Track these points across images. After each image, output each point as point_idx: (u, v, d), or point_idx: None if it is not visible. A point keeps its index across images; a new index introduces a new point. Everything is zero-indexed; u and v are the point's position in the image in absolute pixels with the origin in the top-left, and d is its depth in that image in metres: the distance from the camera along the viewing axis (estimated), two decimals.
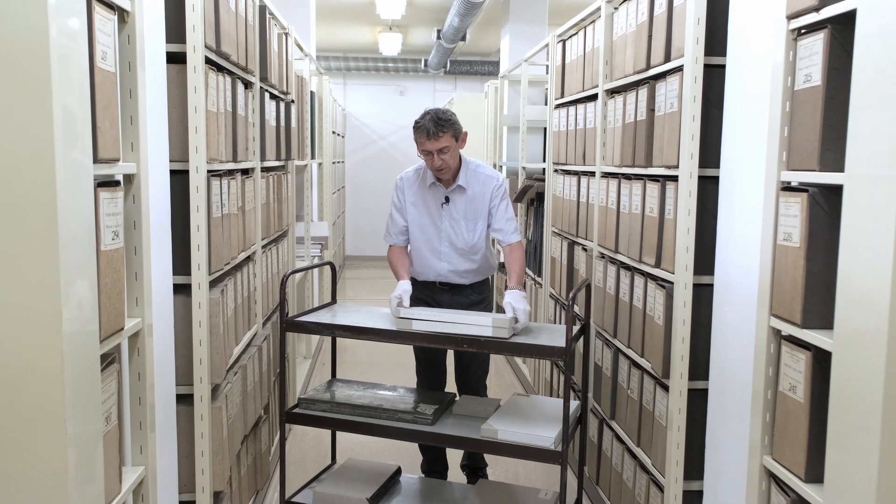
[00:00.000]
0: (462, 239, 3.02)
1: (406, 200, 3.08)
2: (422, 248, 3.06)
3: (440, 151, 2.85)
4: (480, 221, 3.02)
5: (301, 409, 2.77)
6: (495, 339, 2.43)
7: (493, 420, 2.59)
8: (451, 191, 3.02)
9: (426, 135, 2.82)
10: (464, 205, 3.01)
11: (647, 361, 2.45)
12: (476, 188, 3.00)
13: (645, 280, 2.49)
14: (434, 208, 3.04)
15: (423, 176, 3.05)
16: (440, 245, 3.04)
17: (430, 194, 3.04)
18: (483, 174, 3.02)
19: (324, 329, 2.65)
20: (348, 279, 9.27)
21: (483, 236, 3.05)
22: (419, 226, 3.05)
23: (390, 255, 3.12)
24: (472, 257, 3.05)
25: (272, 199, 3.26)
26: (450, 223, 3.03)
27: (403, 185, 3.10)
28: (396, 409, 2.69)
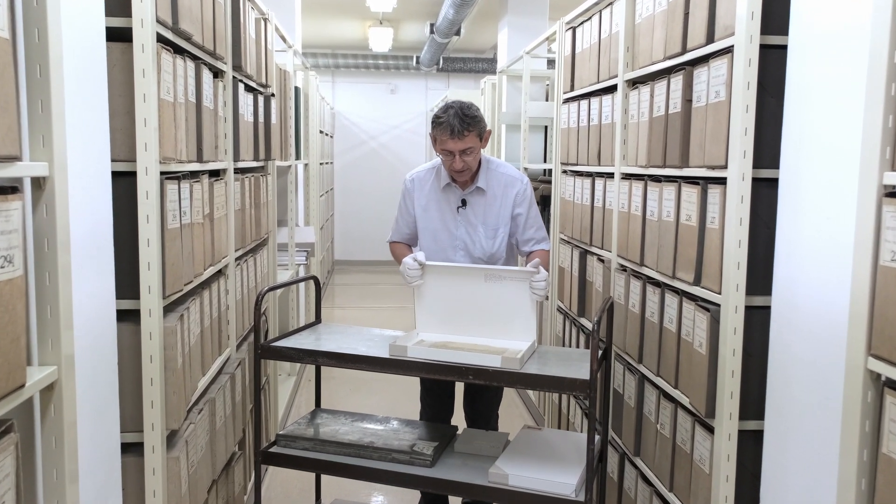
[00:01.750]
0: (480, 247, 2.67)
1: (416, 204, 2.73)
2: (432, 257, 2.69)
3: (463, 153, 2.50)
4: (501, 228, 2.68)
5: (279, 448, 2.40)
6: (505, 370, 2.07)
7: (503, 461, 2.23)
8: (469, 193, 2.67)
9: (450, 132, 2.46)
10: (483, 209, 2.66)
11: (684, 395, 2.09)
12: (497, 190, 2.66)
13: (680, 299, 2.14)
14: (448, 212, 2.69)
15: (438, 175, 2.70)
16: (454, 254, 2.69)
17: (444, 197, 2.69)
18: (505, 175, 2.68)
19: (305, 356, 2.28)
20: (337, 285, 8.90)
21: (504, 245, 2.70)
22: (431, 231, 2.71)
23: (392, 248, 2.82)
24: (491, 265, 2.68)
25: (249, 204, 2.89)
26: (466, 229, 2.68)
27: (413, 188, 2.75)
28: (390, 447, 2.33)
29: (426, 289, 2.50)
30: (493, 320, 2.38)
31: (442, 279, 2.48)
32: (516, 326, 2.34)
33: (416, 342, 2.38)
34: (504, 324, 2.36)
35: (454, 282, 2.46)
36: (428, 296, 2.49)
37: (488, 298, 2.39)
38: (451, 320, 2.44)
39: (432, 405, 2.86)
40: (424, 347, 2.23)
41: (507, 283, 2.38)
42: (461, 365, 2.11)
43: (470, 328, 2.40)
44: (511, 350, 2.25)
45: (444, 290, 2.47)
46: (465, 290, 2.43)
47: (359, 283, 9.05)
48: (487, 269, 2.44)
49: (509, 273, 2.40)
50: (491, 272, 2.41)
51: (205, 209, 2.20)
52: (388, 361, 2.18)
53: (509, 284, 2.38)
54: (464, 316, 2.42)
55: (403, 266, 2.50)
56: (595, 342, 1.96)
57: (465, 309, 2.42)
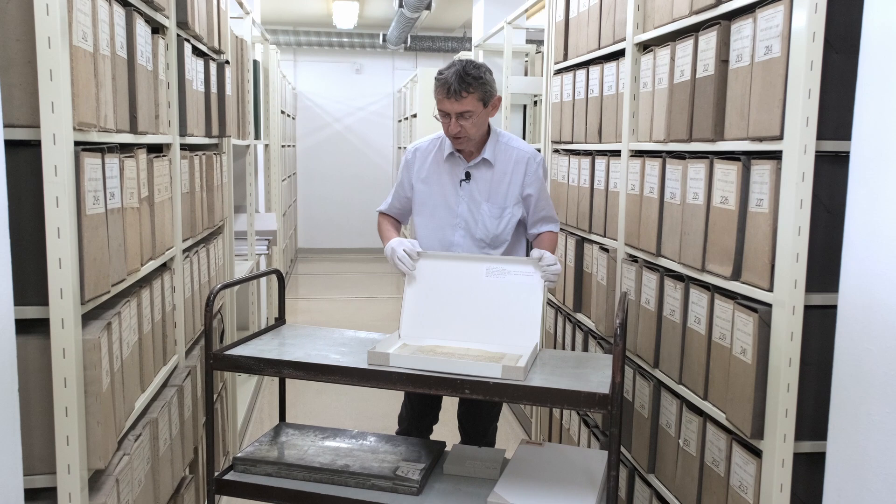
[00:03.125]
0: (482, 227, 2.34)
1: (416, 177, 2.41)
2: (429, 236, 2.37)
3: (460, 116, 2.19)
4: (509, 209, 2.35)
5: (236, 474, 2.03)
6: (507, 383, 1.73)
7: (503, 487, 1.89)
8: (474, 165, 2.34)
9: (446, 91, 2.16)
10: (489, 185, 2.34)
11: (718, 409, 1.78)
12: (506, 166, 2.34)
13: (710, 297, 1.82)
14: (450, 186, 2.36)
15: (441, 145, 2.38)
16: (453, 234, 2.36)
17: (446, 168, 2.36)
18: (517, 150, 2.36)
19: (267, 367, 1.91)
20: (301, 275, 8.47)
21: (510, 229, 2.37)
22: (429, 207, 2.38)
23: (380, 220, 2.51)
24: (493, 253, 2.36)
25: (200, 187, 2.49)
26: (468, 206, 2.34)
27: (415, 159, 2.42)
28: (369, 472, 1.97)
29: (416, 282, 2.15)
30: (490, 321, 2.04)
31: (436, 271, 2.14)
32: (517, 328, 2.00)
33: (399, 347, 2.02)
34: (503, 325, 2.02)
35: (450, 275, 2.12)
36: (418, 291, 2.14)
37: (488, 295, 2.05)
38: (442, 320, 2.09)
39: (414, 414, 2.53)
40: (409, 355, 1.88)
41: (511, 278, 2.04)
42: (454, 376, 1.76)
43: (463, 330, 2.06)
44: (511, 356, 1.91)
45: (438, 284, 2.13)
46: (461, 285, 2.09)
47: (324, 272, 8.64)
48: (490, 261, 2.11)
49: (514, 267, 2.06)
50: (494, 267, 2.07)
51: (142, 191, 1.80)
52: (366, 373, 1.82)
53: (513, 279, 2.04)
54: (457, 315, 2.08)
55: (393, 252, 2.19)
56: (621, 350, 1.63)
57: (460, 307, 2.08)
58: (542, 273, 2.07)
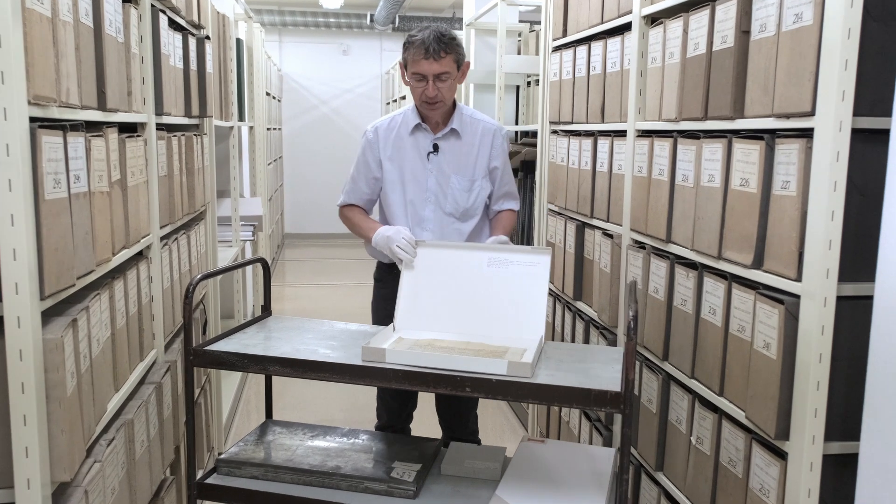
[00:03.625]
0: (452, 201, 2.29)
1: (382, 155, 2.32)
2: (398, 214, 2.31)
3: (438, 78, 2.16)
4: (478, 181, 2.32)
5: (219, 477, 1.90)
6: (513, 380, 1.61)
7: (505, 489, 1.78)
8: (442, 136, 2.29)
9: (425, 52, 2.12)
10: (457, 157, 2.29)
11: (737, 407, 1.66)
12: (473, 137, 2.31)
13: (728, 286, 1.70)
14: (418, 160, 2.30)
15: (404, 121, 2.32)
16: (423, 208, 2.30)
17: (411, 143, 2.30)
18: (482, 122, 2.34)
19: (251, 364, 1.77)
20: (288, 261, 8.31)
21: (480, 203, 2.34)
22: (397, 184, 2.31)
23: (347, 213, 2.39)
24: (463, 227, 2.32)
25: (179, 170, 2.34)
26: (437, 180, 2.29)
27: (377, 138, 2.34)
28: (362, 474, 1.85)
29: (412, 273, 2.03)
30: (492, 313, 1.91)
31: (434, 261, 2.02)
32: (520, 321, 1.88)
33: (394, 341, 1.89)
34: (505, 318, 1.90)
35: (449, 265, 2.00)
36: (414, 281, 2.02)
37: (489, 286, 1.93)
38: (440, 312, 1.96)
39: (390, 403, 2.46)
40: (406, 351, 1.75)
41: (514, 268, 1.92)
42: (455, 373, 1.63)
43: (463, 323, 1.93)
44: (514, 350, 1.79)
45: (436, 274, 2.01)
46: (461, 275, 1.97)
47: (311, 257, 8.49)
48: (492, 251, 1.99)
49: (517, 257, 1.94)
50: (496, 257, 1.95)
51: (112, 174, 1.65)
52: (359, 370, 1.69)
53: (516, 270, 1.91)
54: (456, 307, 1.95)
55: (389, 241, 2.08)
56: (634, 345, 1.51)
57: (460, 299, 1.95)
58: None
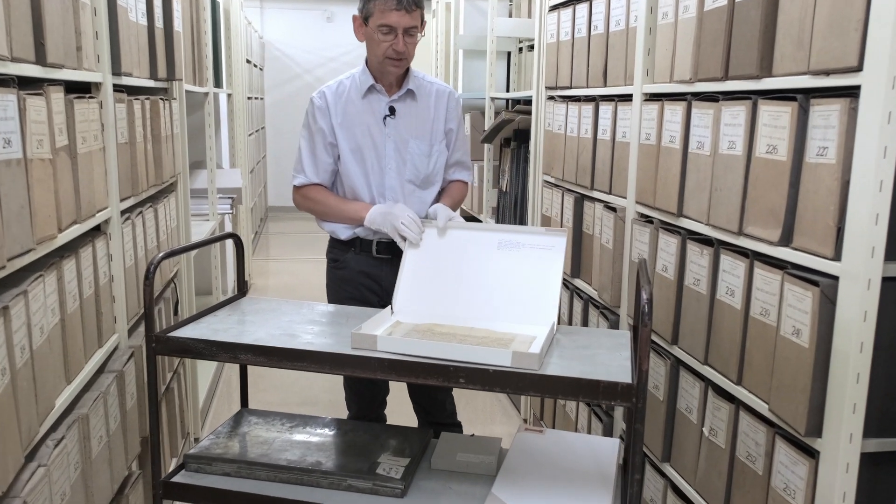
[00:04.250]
0: (412, 167, 2.14)
1: (334, 122, 2.13)
2: (359, 186, 2.14)
3: (407, 32, 2.01)
4: (437, 145, 2.17)
5: (188, 475, 1.73)
6: (517, 372, 1.44)
7: (502, 486, 1.62)
8: (398, 98, 2.12)
9: (396, 2, 1.95)
10: (414, 120, 2.13)
11: (759, 398, 1.51)
12: (428, 100, 2.16)
13: (749, 265, 1.53)
14: (374, 125, 2.12)
15: (354, 84, 2.14)
16: (383, 177, 2.14)
17: (365, 107, 2.12)
18: (435, 84, 2.20)
19: (220, 351, 1.59)
20: (272, 234, 8.10)
21: (440, 169, 2.20)
22: (352, 152, 2.13)
23: (311, 194, 2.19)
24: (425, 195, 2.17)
25: (143, 137, 2.13)
26: (395, 145, 2.13)
27: (326, 104, 2.14)
28: (345, 471, 1.68)
29: (416, 252, 1.87)
30: (500, 298, 1.75)
31: (440, 241, 1.87)
32: (531, 307, 1.71)
33: (391, 325, 1.72)
34: (515, 303, 1.73)
35: (456, 245, 1.84)
36: (417, 262, 1.85)
37: (499, 269, 1.77)
38: (444, 296, 1.80)
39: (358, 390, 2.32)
40: (400, 338, 1.57)
41: (527, 251, 1.75)
42: (449, 364, 1.46)
43: (468, 308, 1.76)
44: (522, 338, 1.62)
45: (441, 255, 1.85)
46: (468, 256, 1.82)
47: (295, 231, 8.27)
48: (504, 231, 1.83)
49: (530, 239, 1.77)
50: (507, 238, 1.78)
51: (57, 139, 1.45)
52: (341, 360, 1.51)
53: (529, 253, 1.75)
54: (462, 291, 1.79)
55: (395, 218, 1.94)
56: (648, 332, 1.34)
57: (466, 282, 1.79)
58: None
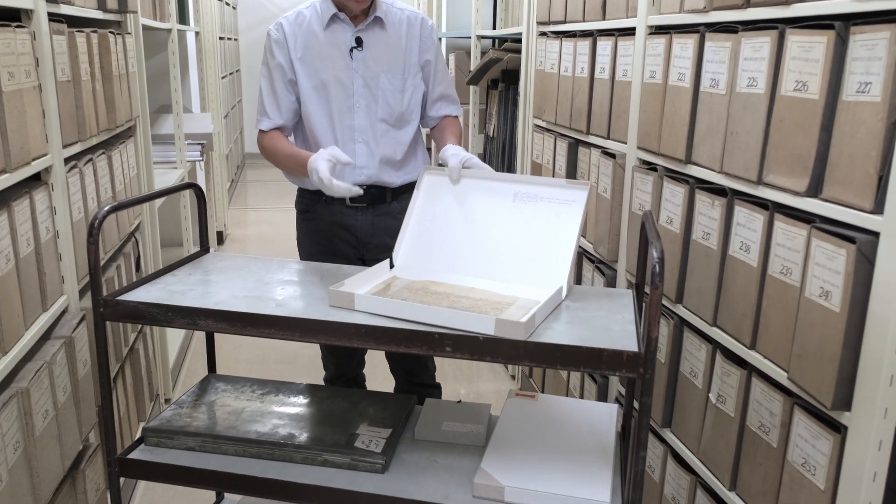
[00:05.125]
0: (385, 104, 1.92)
1: (293, 56, 1.91)
2: (322, 128, 1.92)
3: None
4: (410, 79, 1.95)
5: (147, 450, 1.57)
6: (503, 339, 1.28)
7: (491, 461, 1.49)
8: (365, 28, 1.89)
9: None
10: (384, 52, 1.91)
11: (779, 367, 1.36)
12: (399, 28, 1.93)
13: (769, 217, 1.37)
14: (339, 58, 1.89)
15: (315, 14, 1.91)
16: (352, 117, 1.91)
17: (328, 39, 1.89)
18: (405, 10, 1.96)
19: (176, 316, 1.41)
20: (250, 182, 7.85)
21: (416, 105, 1.98)
22: (316, 91, 1.90)
23: (268, 143, 1.94)
24: (401, 135, 1.96)
25: (90, 75, 1.91)
26: (364, 80, 1.90)
27: (284, 35, 1.91)
28: (321, 444, 1.54)
29: (423, 202, 1.69)
30: (510, 255, 1.57)
31: (451, 191, 1.68)
32: (542, 266, 1.54)
33: (385, 281, 1.56)
34: (525, 262, 1.56)
35: (468, 196, 1.66)
36: (424, 212, 1.68)
37: (512, 224, 1.59)
38: (450, 251, 1.63)
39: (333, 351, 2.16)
40: (379, 298, 1.41)
41: (544, 205, 1.58)
42: (434, 330, 1.30)
43: (474, 264, 1.59)
44: (523, 301, 1.45)
45: (451, 206, 1.67)
46: (481, 209, 1.64)
47: (274, 178, 8.01)
48: (521, 182, 1.64)
49: (550, 191, 1.59)
50: (524, 190, 1.60)
51: None
52: (312, 326, 1.35)
53: (546, 207, 1.58)
54: (469, 246, 1.61)
55: (312, 173, 1.69)
56: (660, 295, 1.18)
57: (475, 236, 1.62)
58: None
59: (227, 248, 5.23)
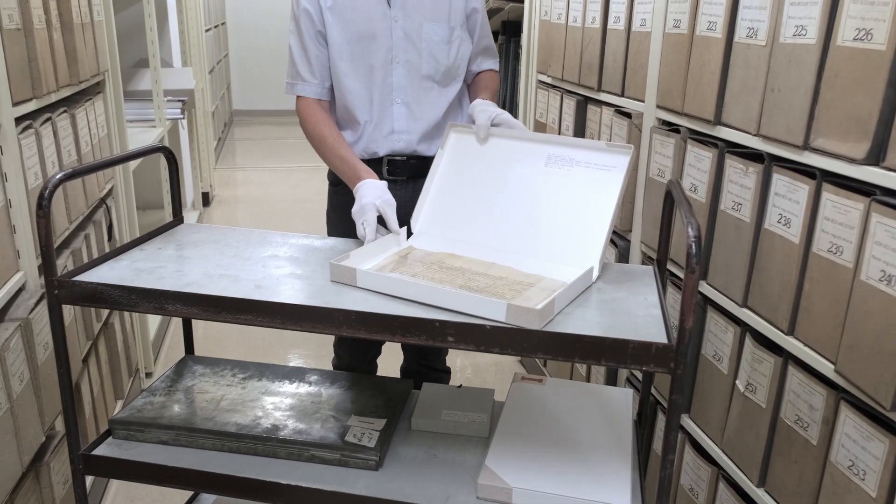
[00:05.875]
0: (430, 58, 1.66)
1: (322, 5, 1.64)
2: (355, 90, 1.66)
3: None
4: (457, 29, 1.68)
5: (116, 443, 1.42)
6: (513, 328, 1.12)
7: (497, 456, 1.34)
8: None
9: None
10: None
11: (823, 357, 1.21)
12: None
13: (816, 188, 1.20)
14: (375, 7, 1.63)
15: None
16: (391, 73, 1.66)
17: None
18: None
19: (141, 300, 1.24)
20: (238, 141, 7.60)
21: (463, 60, 1.72)
22: (348, 44, 1.64)
23: (312, 122, 1.66)
24: (446, 93, 1.70)
25: (45, 23, 1.70)
26: (405, 32, 1.64)
27: None
28: (308, 438, 1.39)
29: (448, 164, 1.52)
30: (539, 228, 1.40)
31: (478, 153, 1.50)
32: (573, 242, 1.36)
33: (395, 255, 1.39)
34: (554, 236, 1.38)
35: (497, 158, 1.48)
36: (448, 175, 1.51)
37: (543, 191, 1.42)
38: (473, 220, 1.46)
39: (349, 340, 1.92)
40: (384, 275, 1.24)
41: (581, 170, 1.40)
42: (432, 317, 1.14)
43: (498, 237, 1.42)
44: (547, 283, 1.29)
45: (478, 170, 1.49)
46: (509, 174, 1.47)
47: (263, 137, 7.77)
48: (556, 144, 1.44)
49: (588, 155, 1.40)
50: (559, 153, 1.42)
51: None
52: (294, 312, 1.18)
53: (583, 173, 1.40)
54: (494, 215, 1.44)
55: (365, 216, 1.45)
56: (696, 280, 1.02)
57: (501, 205, 1.45)
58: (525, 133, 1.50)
59: (214, 209, 5.03)
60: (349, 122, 1.69)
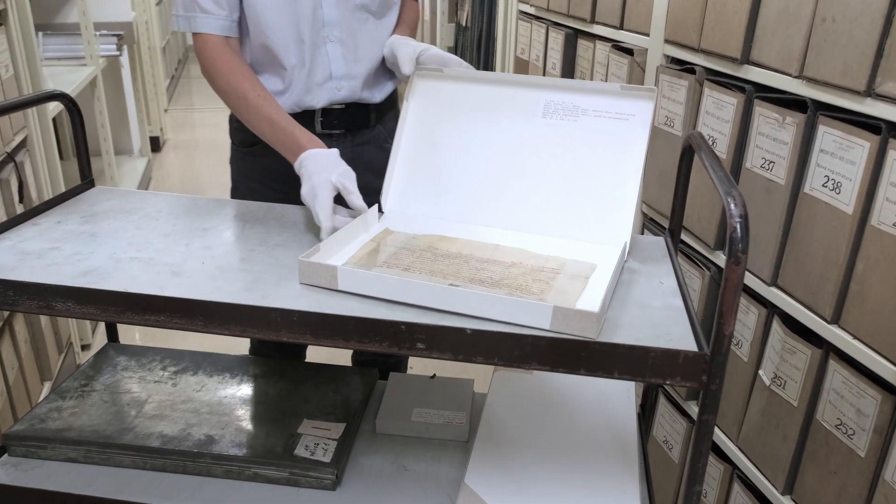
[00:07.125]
0: None
1: None
2: (276, 28, 1.29)
3: None
4: None
5: (8, 466, 1.16)
6: (563, 338, 0.86)
7: (477, 470, 1.12)
8: None
9: None
10: None
11: (878, 354, 0.99)
12: None
13: (880, 145, 0.96)
14: None
15: None
16: (320, 3, 1.30)
17: None
18: None
19: (22, 297, 0.96)
20: (194, 79, 7.14)
21: None
22: None
23: (219, 65, 1.29)
24: (382, 25, 1.38)
25: None
26: None
27: None
28: (249, 453, 1.14)
29: (419, 119, 1.20)
30: (544, 195, 1.12)
31: (455, 104, 1.19)
32: (591, 212, 1.09)
33: (371, 243, 1.11)
34: (564, 206, 1.11)
35: (481, 113, 1.17)
36: (419, 137, 1.20)
37: (544, 149, 1.12)
38: (459, 188, 1.16)
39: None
40: (377, 274, 0.95)
41: (588, 121, 1.12)
42: (394, 319, 0.88)
43: (493, 208, 1.14)
44: (573, 268, 1.02)
45: (457, 127, 1.18)
46: (499, 130, 1.15)
47: None
48: (553, 89, 1.13)
49: (593, 101, 1.10)
50: (557, 99, 1.13)
51: None
52: (229, 312, 0.91)
53: (591, 124, 1.12)
54: (485, 181, 1.15)
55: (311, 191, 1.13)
56: (740, 275, 0.78)
57: (492, 167, 1.15)
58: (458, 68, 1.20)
59: (166, 155, 4.67)
60: (270, 66, 1.33)
